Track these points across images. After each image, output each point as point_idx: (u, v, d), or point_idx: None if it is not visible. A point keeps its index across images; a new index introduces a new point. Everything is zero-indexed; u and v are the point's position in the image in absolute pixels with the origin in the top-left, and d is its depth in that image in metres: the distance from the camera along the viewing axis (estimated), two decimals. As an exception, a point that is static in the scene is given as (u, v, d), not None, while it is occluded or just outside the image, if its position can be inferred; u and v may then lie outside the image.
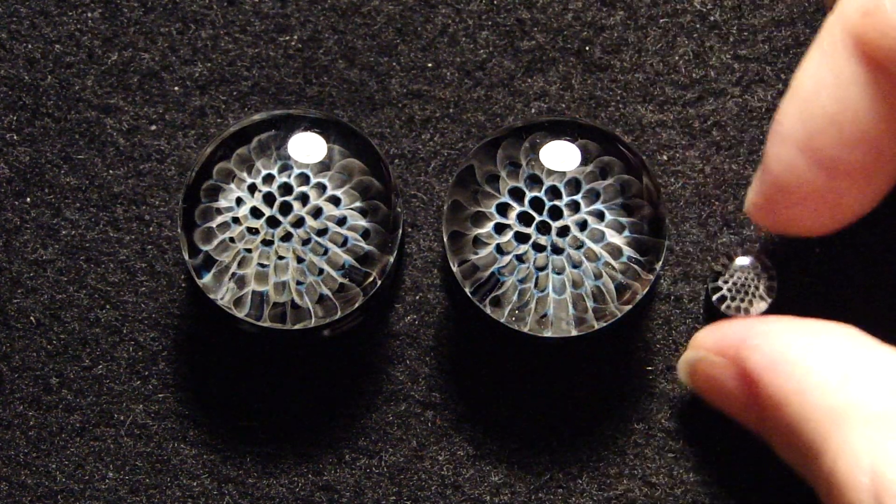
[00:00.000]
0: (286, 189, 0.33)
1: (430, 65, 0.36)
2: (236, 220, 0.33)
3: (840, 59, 0.30)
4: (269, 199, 0.33)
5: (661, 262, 0.33)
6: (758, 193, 0.33)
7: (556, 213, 0.32)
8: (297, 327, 0.33)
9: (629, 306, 0.33)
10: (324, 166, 0.33)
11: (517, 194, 0.33)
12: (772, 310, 0.33)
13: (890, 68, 0.30)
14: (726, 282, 0.33)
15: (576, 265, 0.32)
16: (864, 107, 0.30)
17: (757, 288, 0.33)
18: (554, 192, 0.32)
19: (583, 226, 0.32)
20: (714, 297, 0.33)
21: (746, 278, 0.33)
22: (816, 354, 0.30)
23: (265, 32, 0.37)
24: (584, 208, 0.32)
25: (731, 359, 0.32)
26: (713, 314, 0.35)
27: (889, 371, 0.29)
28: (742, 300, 0.33)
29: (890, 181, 0.32)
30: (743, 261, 0.33)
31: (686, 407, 0.36)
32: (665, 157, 0.36)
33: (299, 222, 0.33)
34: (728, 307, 0.33)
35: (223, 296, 0.33)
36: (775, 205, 0.32)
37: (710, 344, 0.33)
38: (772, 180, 0.32)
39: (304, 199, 0.33)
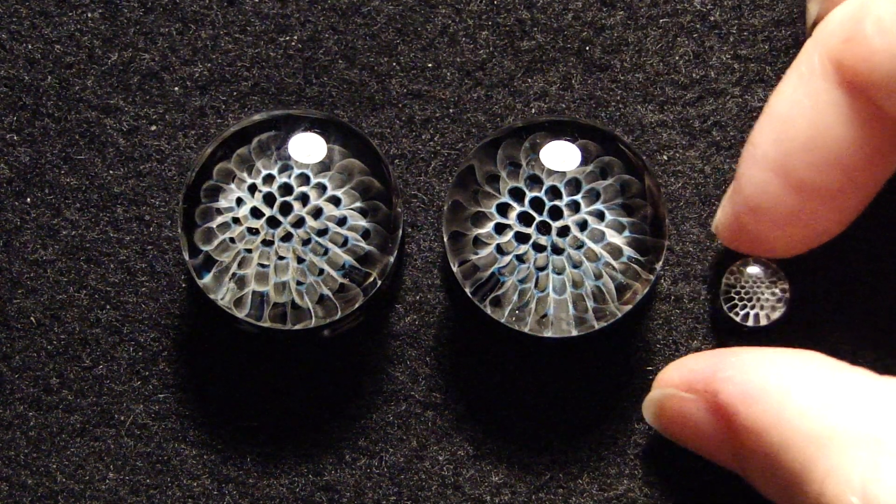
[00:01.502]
0: (286, 189, 0.33)
1: (430, 65, 0.36)
2: (236, 221, 0.33)
3: (818, 84, 0.31)
4: (269, 199, 0.33)
5: (661, 262, 0.33)
6: (728, 214, 0.33)
7: (556, 213, 0.32)
8: (297, 327, 0.33)
9: (629, 306, 0.33)
10: (324, 166, 0.33)
11: (517, 194, 0.33)
12: (786, 315, 0.33)
13: (869, 93, 0.30)
14: (738, 293, 0.33)
15: (576, 265, 0.32)
16: (840, 131, 0.30)
17: (773, 294, 0.33)
18: (554, 192, 0.32)
19: (583, 226, 0.32)
20: (730, 312, 0.33)
21: (757, 287, 0.33)
22: (792, 381, 0.30)
23: (265, 32, 0.37)
24: (584, 208, 0.32)
25: (701, 393, 0.32)
26: (722, 321, 0.34)
27: (869, 393, 0.29)
28: (761, 307, 0.33)
29: (861, 205, 0.32)
30: (753, 269, 0.33)
31: (686, 407, 0.36)
32: (665, 157, 0.36)
33: (299, 222, 0.33)
34: (745, 317, 0.33)
35: (223, 296, 0.33)
36: (745, 226, 0.32)
37: (677, 380, 0.32)
38: (743, 201, 0.32)
39: (304, 199, 0.33)
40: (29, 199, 0.36)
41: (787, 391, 0.29)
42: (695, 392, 0.32)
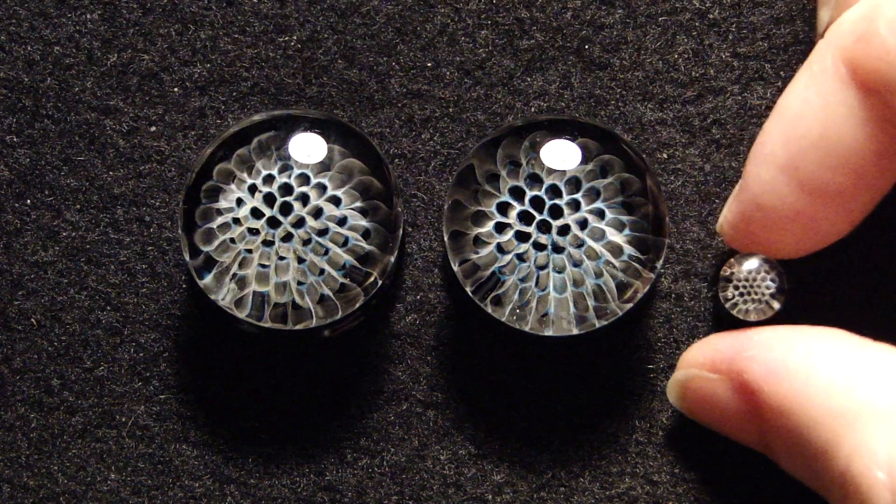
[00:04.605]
0: (286, 189, 0.33)
1: (429, 64, 0.36)
2: (237, 221, 0.33)
3: (829, 83, 0.31)
4: (269, 199, 0.33)
5: (661, 261, 0.33)
6: (734, 213, 0.33)
7: (556, 212, 0.32)
8: (298, 328, 0.33)
9: (630, 305, 0.33)
10: (324, 166, 0.33)
11: (517, 193, 0.33)
12: (784, 308, 0.33)
13: (882, 93, 0.30)
14: (736, 287, 0.33)
15: (576, 264, 0.32)
16: (851, 131, 0.30)
17: (768, 288, 0.32)
18: (554, 191, 0.32)
19: (583, 224, 0.32)
20: (726, 304, 0.33)
21: (755, 280, 0.33)
22: (817, 358, 0.30)
23: (264, 33, 0.37)
24: (584, 207, 0.32)
25: (726, 373, 0.32)
26: (724, 319, 0.34)
27: (893, 368, 0.29)
28: (755, 301, 0.33)
29: (869, 206, 0.32)
30: (750, 263, 0.33)
31: (687, 405, 0.36)
32: (665, 156, 0.36)
33: (300, 223, 0.33)
34: (740, 311, 0.33)
35: (224, 296, 0.33)
36: (752, 225, 0.32)
37: (701, 361, 0.33)
38: (750, 200, 0.32)
39: (304, 199, 0.33)
40: (29, 201, 0.36)
41: (811, 368, 0.30)
42: (719, 372, 0.32)
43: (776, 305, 0.33)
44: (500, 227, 0.33)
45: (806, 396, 0.29)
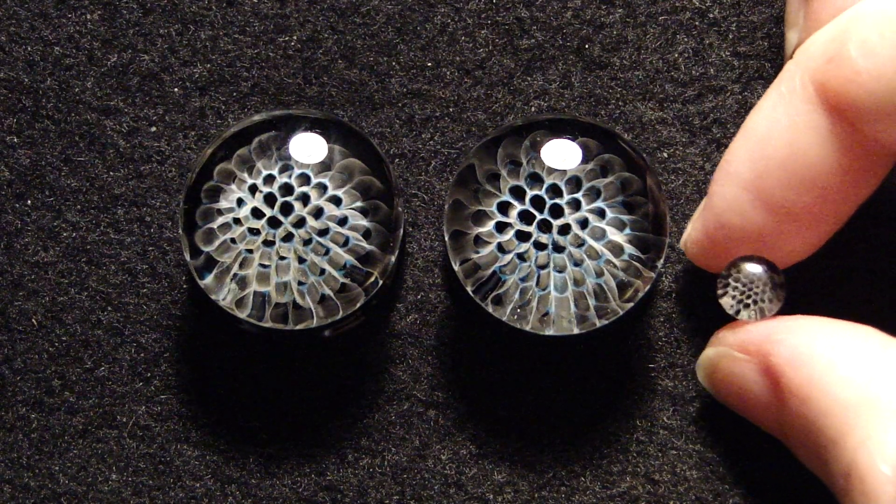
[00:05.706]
0: (287, 189, 0.33)
1: (429, 64, 0.36)
2: (237, 221, 0.33)
3: (797, 104, 0.31)
4: (269, 199, 0.33)
5: (662, 260, 0.33)
6: (698, 231, 0.33)
7: (557, 212, 0.32)
8: (298, 328, 0.33)
9: (631, 304, 0.33)
10: (324, 166, 0.33)
11: (518, 193, 0.33)
12: (782, 312, 0.33)
13: (850, 115, 0.30)
14: (735, 289, 0.33)
15: (577, 263, 0.32)
16: (817, 152, 0.31)
17: (765, 292, 0.33)
18: (555, 191, 0.32)
19: (584, 224, 0.32)
20: (725, 306, 0.33)
21: (754, 284, 0.33)
22: (841, 350, 0.30)
23: (264, 33, 0.37)
24: (584, 206, 0.32)
25: (755, 354, 0.32)
26: (727, 318, 0.34)
27: None
28: (755, 303, 0.33)
29: (834, 227, 0.32)
30: (750, 267, 0.33)
31: (688, 404, 0.36)
32: (665, 155, 0.36)
33: (300, 223, 0.33)
34: (738, 313, 0.33)
35: (225, 297, 0.33)
36: (715, 243, 0.33)
37: (732, 341, 0.33)
38: (714, 218, 0.32)
39: (304, 199, 0.33)
40: (29, 202, 0.36)
41: (833, 359, 0.30)
42: (748, 353, 0.32)
43: (774, 308, 0.33)
44: (501, 227, 0.33)
45: (824, 385, 0.29)
